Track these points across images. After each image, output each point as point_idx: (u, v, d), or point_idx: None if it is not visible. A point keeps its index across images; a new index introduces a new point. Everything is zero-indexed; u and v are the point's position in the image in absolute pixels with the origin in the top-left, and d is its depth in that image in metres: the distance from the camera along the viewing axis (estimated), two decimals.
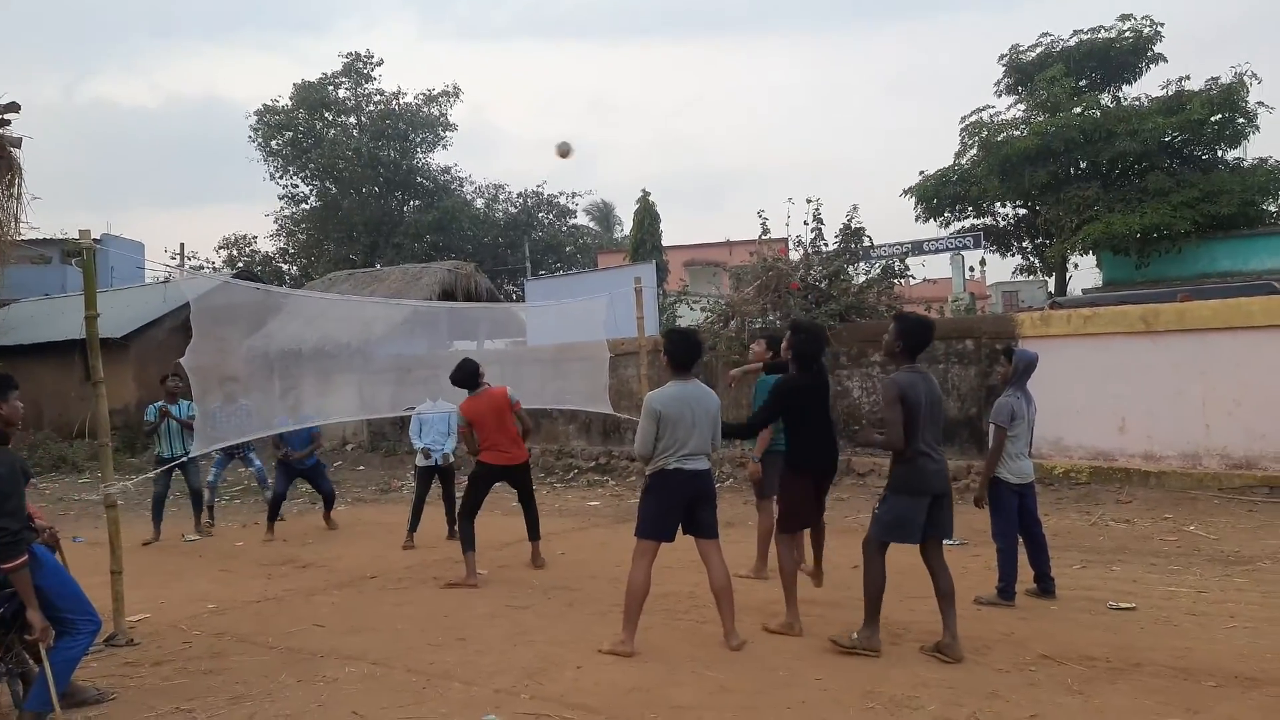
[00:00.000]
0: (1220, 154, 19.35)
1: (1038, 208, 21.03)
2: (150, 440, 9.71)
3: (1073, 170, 19.83)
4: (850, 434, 4.87)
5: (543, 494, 12.05)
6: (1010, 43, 24.79)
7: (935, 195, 22.22)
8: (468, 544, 6.99)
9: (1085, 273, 26.10)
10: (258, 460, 10.65)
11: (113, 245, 24.74)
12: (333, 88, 32.93)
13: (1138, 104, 19.93)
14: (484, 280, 20.78)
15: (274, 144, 32.61)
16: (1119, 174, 19.69)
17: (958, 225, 23.06)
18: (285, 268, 34.66)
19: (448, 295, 18.73)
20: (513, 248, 33.26)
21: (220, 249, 34.75)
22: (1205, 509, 8.59)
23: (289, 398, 9.80)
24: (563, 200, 35.03)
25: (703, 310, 13.84)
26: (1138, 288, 17.19)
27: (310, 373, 10.55)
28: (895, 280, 13.09)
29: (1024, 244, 23.25)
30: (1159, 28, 20.10)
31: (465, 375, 7.30)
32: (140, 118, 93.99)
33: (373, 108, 33.10)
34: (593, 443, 14.10)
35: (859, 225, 12.94)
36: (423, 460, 8.90)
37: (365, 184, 32.41)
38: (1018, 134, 19.93)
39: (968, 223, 23.10)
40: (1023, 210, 22.40)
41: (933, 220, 22.91)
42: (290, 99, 32.58)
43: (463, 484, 8.30)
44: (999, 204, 22.56)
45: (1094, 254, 20.04)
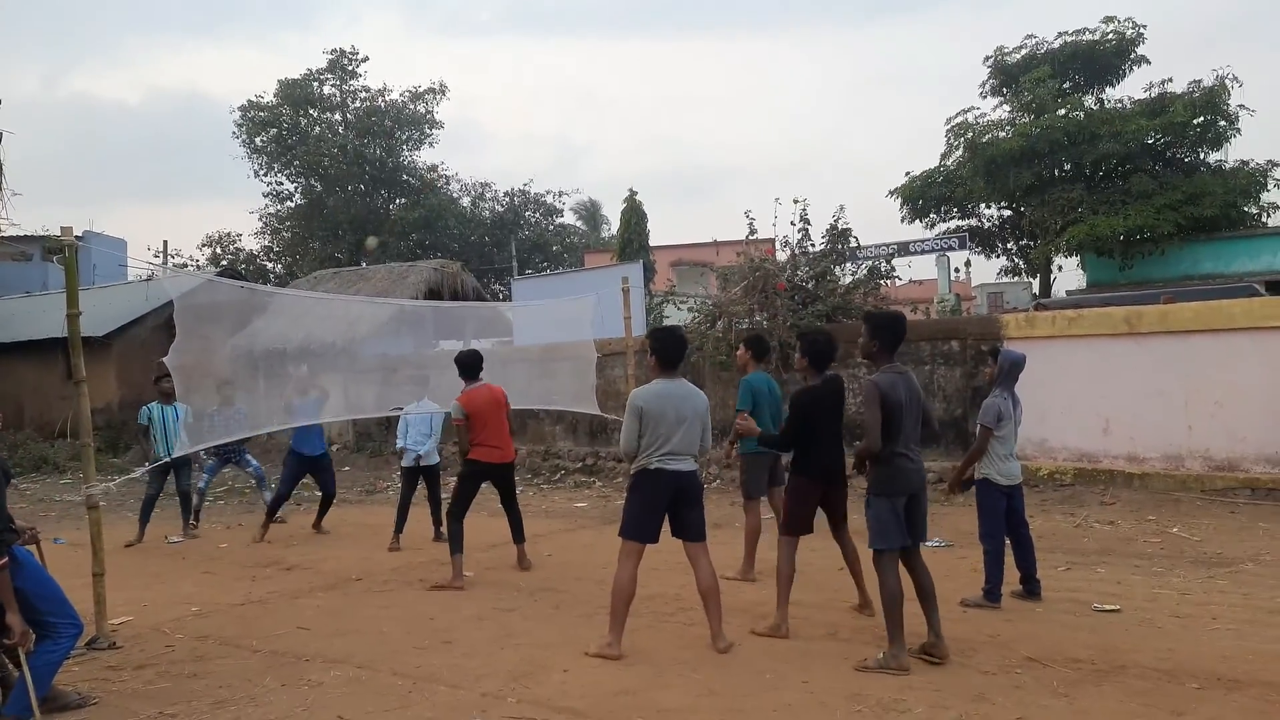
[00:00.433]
0: (1202, 156, 19.51)
1: (1022, 209, 21.15)
2: (142, 440, 9.61)
3: (1057, 172, 19.95)
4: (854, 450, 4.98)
5: (529, 495, 12.03)
6: (995, 44, 24.91)
7: (921, 196, 22.32)
8: (456, 545, 6.95)
9: (1069, 274, 26.34)
10: (254, 461, 10.57)
11: (95, 242, 24.50)
12: (318, 84, 32.75)
13: (1121, 106, 20.07)
14: (470, 279, 20.73)
15: (258, 140, 32.41)
16: (1103, 176, 19.83)
17: (943, 226, 23.18)
18: (270, 266, 34.45)
19: (434, 294, 18.67)
20: (499, 247, 33.17)
21: (204, 246, 34.55)
22: (1188, 510, 8.66)
23: (278, 397, 9.69)
24: (549, 199, 34.99)
25: (690, 310, 13.85)
26: (1121, 289, 17.32)
27: (294, 371, 10.46)
28: (881, 281, 13.13)
29: (1009, 245, 23.37)
30: (1141, 30, 20.25)
31: (472, 362, 7.28)
32: (122, 113, 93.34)
33: (358, 104, 32.94)
34: (579, 443, 14.08)
35: (845, 226, 12.98)
36: (408, 461, 8.87)
37: (350, 181, 32.25)
38: (1003, 135, 20.03)
39: (953, 224, 23.22)
40: (1008, 212, 22.53)
41: (918, 221, 23.02)
42: (275, 95, 32.38)
43: (448, 484, 8.29)
44: (984, 205, 22.68)
45: (1078, 255, 20.18)
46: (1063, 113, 19.35)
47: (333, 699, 4.49)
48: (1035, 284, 23.59)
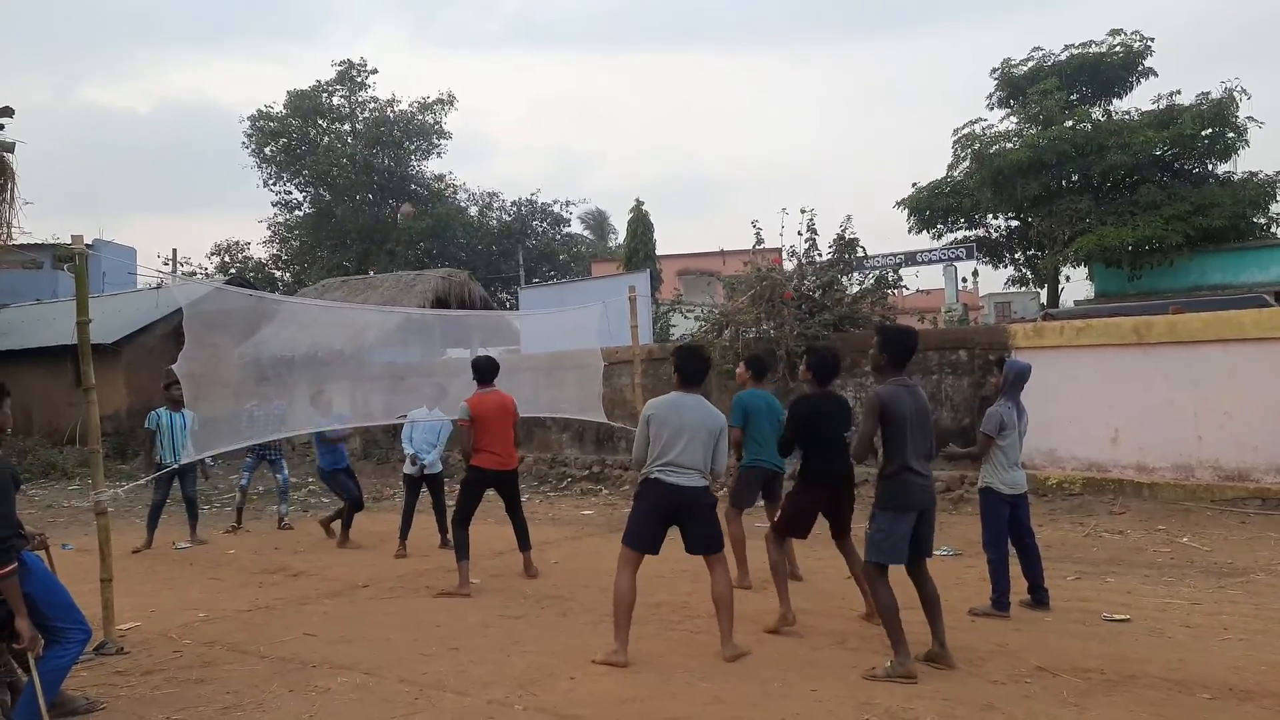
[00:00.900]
0: (1211, 168, 19.46)
1: (1030, 220, 21.11)
2: (147, 444, 9.68)
3: (1065, 183, 19.92)
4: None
5: (536, 503, 12.03)
6: (1002, 56, 24.95)
7: (928, 207, 22.29)
8: (462, 552, 6.95)
9: (1077, 284, 26.24)
10: (286, 469, 10.65)
11: (105, 251, 24.66)
12: (327, 95, 32.94)
13: (1129, 118, 20.04)
14: (478, 288, 20.79)
15: (267, 150, 32.58)
16: (1110, 187, 19.79)
17: (950, 237, 23.15)
18: (278, 274, 34.59)
19: (441, 303, 18.72)
20: (506, 256, 33.23)
21: (213, 255, 34.68)
22: (1198, 520, 8.61)
23: (304, 405, 9.76)
24: (556, 209, 35.07)
25: (696, 319, 13.85)
26: (1130, 300, 17.26)
27: (303, 380, 10.48)
28: (889, 291, 13.11)
29: (1016, 256, 23.33)
30: (1149, 43, 20.25)
31: (487, 366, 7.33)
32: (132, 123, 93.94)
33: (367, 115, 33.11)
34: (586, 451, 14.08)
35: (853, 236, 12.99)
36: (409, 468, 8.87)
37: (359, 191, 32.40)
38: (1010, 146, 20.02)
39: (960, 234, 23.18)
40: (1015, 222, 22.49)
41: (926, 232, 22.98)
42: (284, 106, 32.58)
43: (453, 492, 8.26)
44: (991, 216, 22.64)
45: (1086, 266, 20.12)
46: (1070, 124, 19.34)
47: (339, 705, 4.49)
48: (1043, 294, 23.54)
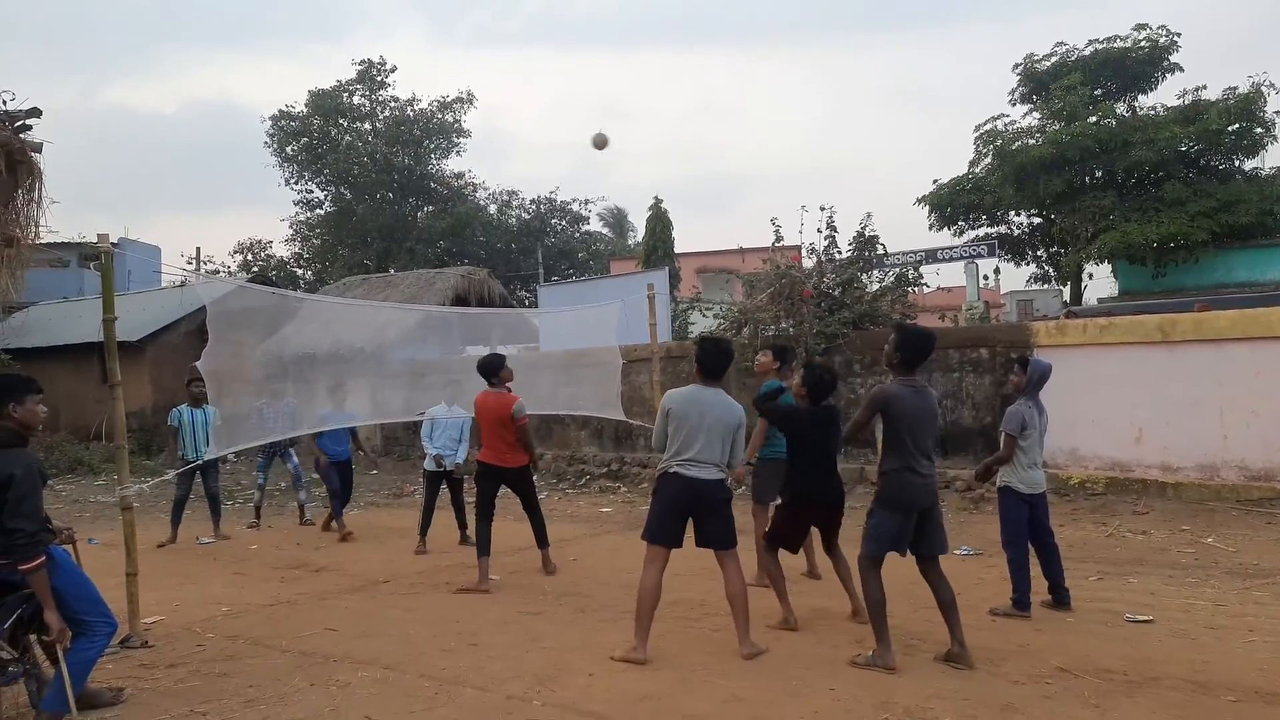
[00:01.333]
0: (1237, 164, 19.22)
1: (1053, 217, 20.92)
2: (172, 442, 9.84)
3: (1088, 179, 19.72)
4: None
5: (554, 500, 12.07)
6: (1025, 52, 24.73)
7: (949, 204, 22.15)
8: (483, 548, 6.98)
9: (1101, 282, 25.92)
10: (296, 459, 10.80)
11: (130, 249, 24.90)
12: (347, 95, 33.13)
13: (1154, 113, 19.81)
14: (497, 286, 20.87)
15: (289, 150, 32.82)
16: (1135, 183, 19.57)
17: (972, 234, 22.98)
18: (300, 272, 34.84)
19: (461, 301, 18.81)
20: (526, 254, 33.31)
21: (235, 253, 34.96)
22: (1223, 521, 8.51)
23: (322, 398, 9.91)
24: (576, 207, 35.12)
25: (715, 317, 13.83)
26: (1154, 298, 17.09)
27: (324, 376, 10.59)
28: (909, 288, 13.03)
29: (1039, 253, 23.12)
30: (1175, 38, 20.00)
31: (485, 366, 7.39)
32: (157, 123, 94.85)
33: (387, 114, 33.28)
34: (605, 449, 14.11)
35: (873, 233, 12.91)
36: (432, 465, 8.91)
37: (379, 190, 32.57)
38: (1033, 142, 19.84)
39: (982, 231, 23.00)
40: (1038, 219, 22.30)
41: (947, 229, 22.84)
42: (305, 105, 32.81)
43: (471, 489, 8.31)
44: (1014, 213, 22.45)
45: (1110, 263, 19.92)
46: (1094, 120, 19.15)
47: (360, 699, 4.53)
48: (1066, 292, 23.31)
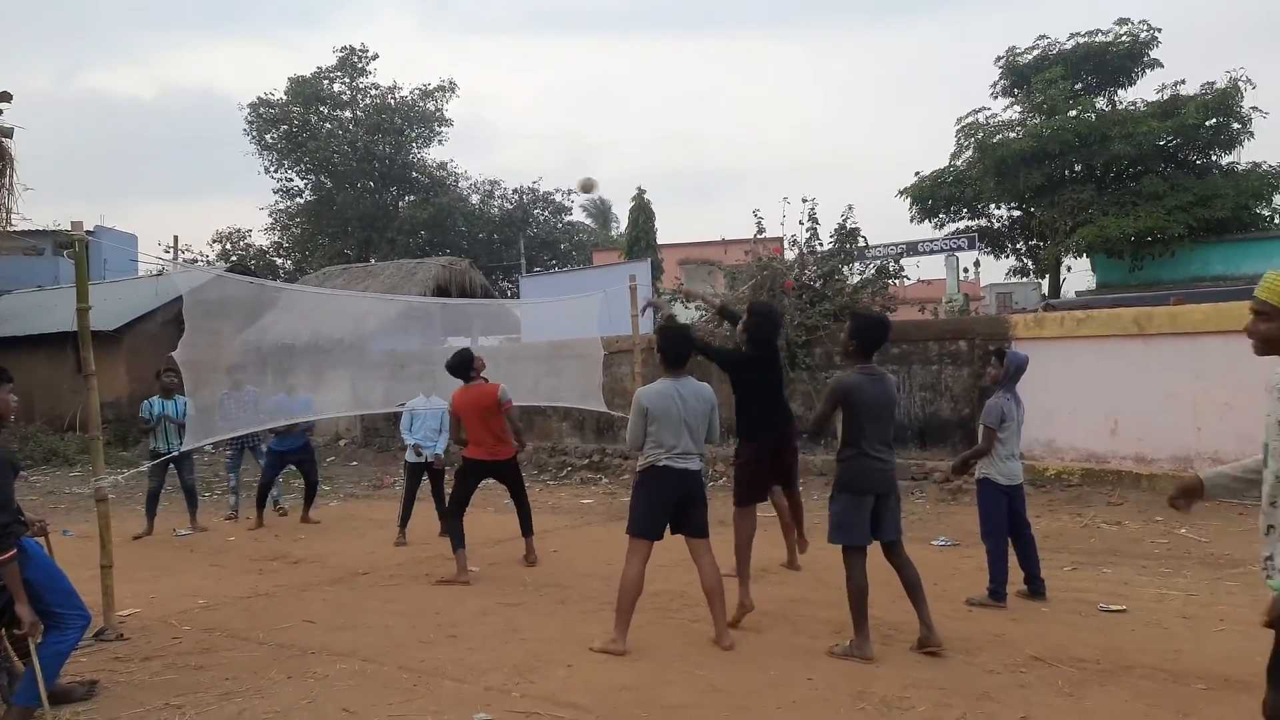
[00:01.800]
0: (1214, 158, 19.41)
1: (1032, 210, 21.06)
2: (145, 435, 9.72)
3: (1068, 173, 19.86)
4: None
5: (536, 491, 12.04)
6: (1004, 45, 24.84)
7: (930, 196, 22.25)
8: (457, 541, 6.96)
9: (1079, 275, 26.13)
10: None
11: (106, 238, 24.65)
12: (328, 82, 32.84)
13: (1133, 108, 19.97)
14: (479, 276, 20.78)
15: (269, 138, 32.53)
16: (1114, 177, 19.74)
17: (952, 226, 23.10)
18: (279, 262, 34.58)
19: (442, 291, 18.73)
20: (508, 244, 33.21)
21: (214, 242, 34.66)
22: (1196, 512, 8.54)
23: (284, 389, 9.80)
24: (558, 197, 35.02)
25: (697, 309, 13.84)
26: (1131, 291, 17.25)
27: (304, 367, 10.51)
28: (890, 281, 13.10)
29: (1018, 246, 23.28)
30: (1156, 33, 20.14)
31: (457, 364, 7.34)
32: (134, 109, 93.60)
33: (368, 102, 33.02)
34: (586, 440, 14.10)
35: (854, 225, 12.96)
36: (413, 456, 8.88)
37: (360, 178, 32.34)
38: (1013, 136, 19.96)
39: (962, 224, 23.13)
40: (1017, 212, 22.44)
41: (928, 221, 22.95)
42: (285, 93, 32.49)
43: (451, 480, 8.28)
44: (994, 206, 22.59)
45: (1088, 256, 20.09)
46: (1074, 114, 19.27)
47: (338, 692, 4.51)
48: (1044, 284, 23.50)
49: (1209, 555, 7.11)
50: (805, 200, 12.82)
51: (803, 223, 12.80)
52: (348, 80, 33.04)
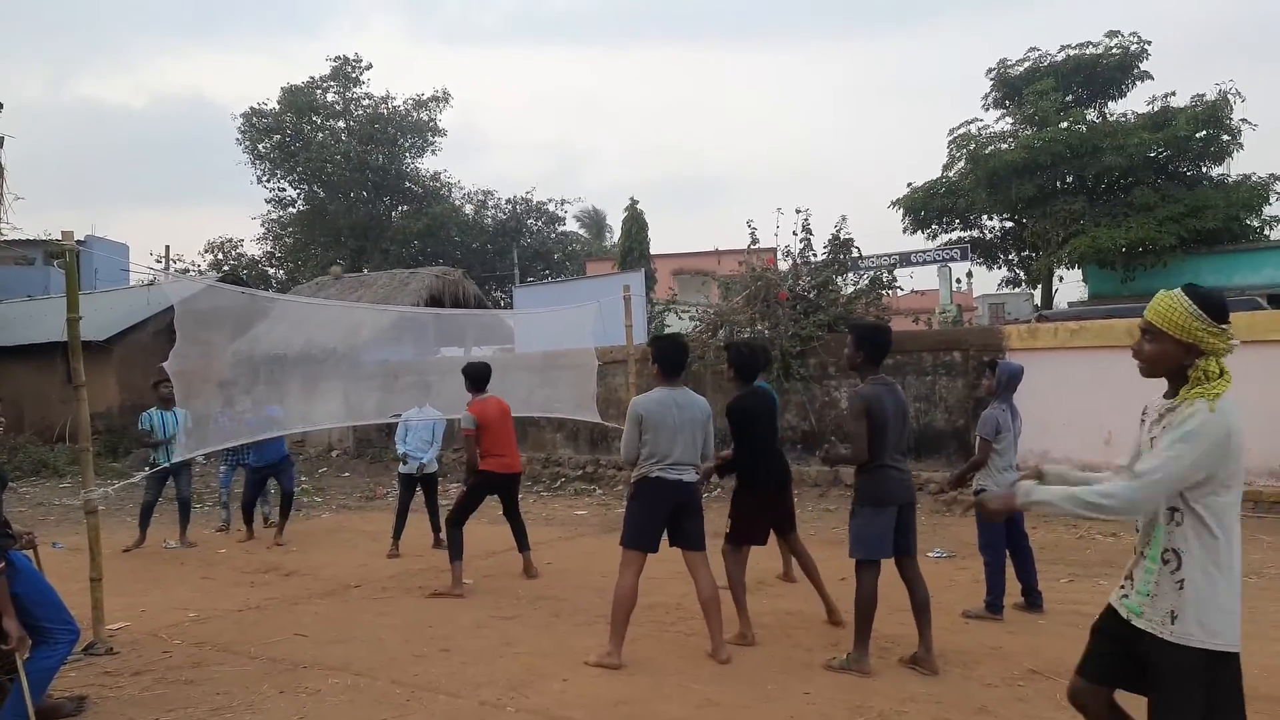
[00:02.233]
0: (1205, 170, 19.53)
1: (1024, 221, 21.15)
2: (150, 446, 9.61)
3: (1059, 184, 19.95)
4: (823, 454, 4.99)
5: (530, 502, 12.00)
6: (996, 57, 24.99)
7: (923, 207, 22.33)
8: (455, 553, 6.92)
9: (1071, 286, 26.33)
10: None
11: (97, 247, 24.52)
12: (321, 91, 32.82)
13: (1124, 120, 20.09)
14: (472, 286, 20.75)
15: (261, 147, 32.45)
16: (1105, 188, 19.83)
17: (945, 237, 23.17)
18: (272, 271, 34.47)
19: (435, 301, 18.68)
20: (501, 254, 33.16)
21: (206, 252, 34.51)
22: None
23: (275, 402, 9.69)
24: (552, 207, 35.01)
25: (691, 319, 13.84)
26: (1123, 301, 17.27)
27: (296, 378, 10.44)
28: (883, 291, 13.12)
29: (1010, 257, 23.37)
30: (1146, 45, 20.28)
31: (482, 374, 7.31)
32: (126, 117, 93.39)
33: (361, 112, 33.01)
34: (580, 451, 14.06)
35: (847, 236, 12.99)
36: (404, 467, 8.84)
37: (353, 188, 32.30)
38: (1005, 147, 20.05)
39: (955, 235, 23.21)
40: (1009, 223, 22.53)
41: (920, 232, 23.02)
42: (278, 102, 32.47)
43: (447, 491, 8.25)
44: (986, 217, 22.68)
45: (1080, 267, 20.16)
46: (1065, 125, 19.37)
47: (330, 707, 4.46)
48: (1037, 295, 23.57)
49: None
50: (799, 211, 12.85)
51: (796, 233, 12.84)
52: (341, 90, 33.03)
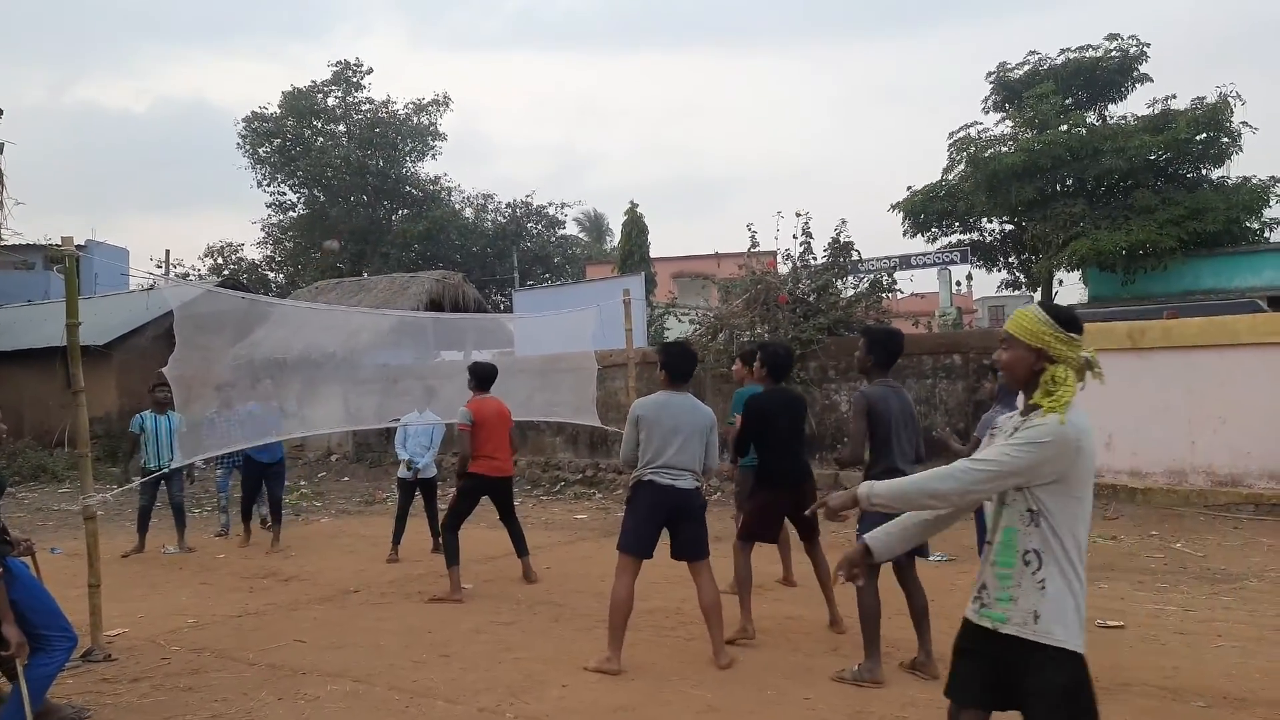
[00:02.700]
0: (1205, 173, 19.51)
1: (1024, 224, 21.13)
2: (135, 449, 9.58)
3: (1059, 187, 19.94)
4: (835, 457, 4.99)
5: (529, 507, 11.99)
6: (999, 59, 25.00)
7: (923, 210, 22.31)
8: (452, 558, 6.90)
9: (1071, 288, 26.29)
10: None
11: (97, 252, 24.56)
12: (322, 96, 32.85)
13: (1124, 122, 20.08)
14: (472, 290, 20.73)
15: (262, 151, 32.47)
16: (1105, 191, 19.82)
17: (945, 240, 23.14)
18: (272, 275, 34.48)
19: (435, 305, 18.67)
20: (501, 258, 33.16)
21: (206, 256, 34.50)
22: (1191, 526, 8.61)
23: (275, 405, 9.66)
24: (552, 211, 35.02)
25: (691, 322, 13.83)
26: (1123, 304, 17.28)
27: (295, 382, 10.43)
28: (883, 294, 13.11)
29: (1010, 259, 23.35)
30: (1145, 48, 20.29)
31: (487, 374, 7.31)
32: (128, 122, 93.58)
33: (361, 116, 33.03)
34: (580, 455, 14.05)
35: (847, 239, 12.97)
36: (404, 472, 8.82)
37: (353, 193, 32.32)
38: (1005, 150, 20.04)
39: (955, 238, 23.19)
40: (1009, 226, 22.51)
41: (920, 235, 23.00)
42: (279, 106, 32.50)
43: (446, 496, 8.21)
44: (986, 219, 22.66)
45: (1080, 270, 20.15)
46: (1065, 128, 19.37)
47: (329, 713, 4.45)
48: (1037, 298, 23.54)
49: (1205, 570, 7.09)
50: (799, 214, 12.84)
51: (796, 236, 12.82)
52: (342, 95, 33.04)
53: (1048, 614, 2.47)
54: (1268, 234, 19.21)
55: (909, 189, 22.73)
